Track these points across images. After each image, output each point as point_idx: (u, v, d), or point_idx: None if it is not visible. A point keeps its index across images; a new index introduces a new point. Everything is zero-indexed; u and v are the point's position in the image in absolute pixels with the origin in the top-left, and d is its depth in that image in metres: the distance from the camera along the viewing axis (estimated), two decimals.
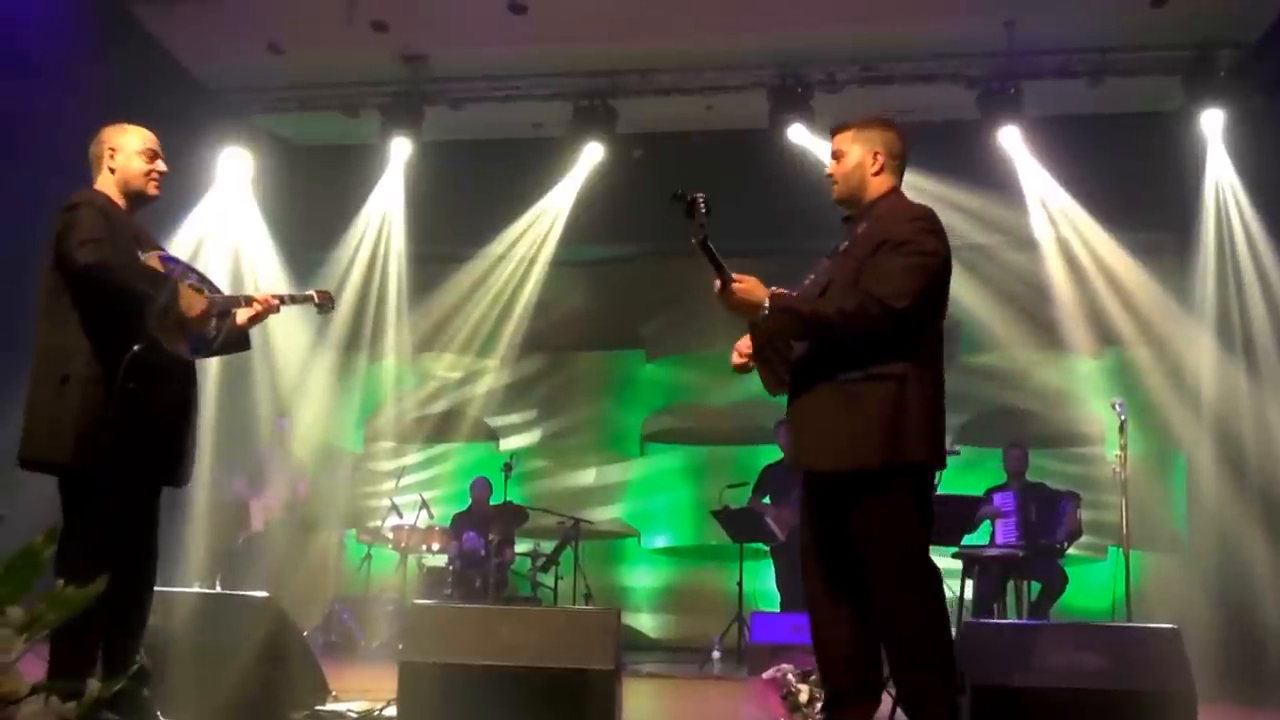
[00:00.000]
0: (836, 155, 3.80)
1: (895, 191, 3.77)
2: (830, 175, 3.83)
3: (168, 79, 9.02)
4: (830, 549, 3.71)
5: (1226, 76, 8.74)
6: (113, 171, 4.05)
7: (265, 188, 10.03)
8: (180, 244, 8.88)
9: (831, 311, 3.54)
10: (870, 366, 3.53)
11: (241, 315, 4.24)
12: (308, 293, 4.60)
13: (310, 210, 10.49)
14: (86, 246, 3.70)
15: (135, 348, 3.69)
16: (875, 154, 3.74)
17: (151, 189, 4.13)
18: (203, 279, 4.18)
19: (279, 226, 10.19)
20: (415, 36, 9.01)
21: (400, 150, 9.80)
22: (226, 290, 4.34)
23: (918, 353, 3.55)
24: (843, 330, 3.53)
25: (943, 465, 3.70)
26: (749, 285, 3.53)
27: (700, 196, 3.44)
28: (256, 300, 4.28)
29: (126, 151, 4.07)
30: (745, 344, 3.88)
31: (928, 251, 3.55)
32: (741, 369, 3.92)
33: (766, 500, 8.98)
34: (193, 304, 3.95)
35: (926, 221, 3.61)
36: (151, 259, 3.95)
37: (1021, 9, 8.29)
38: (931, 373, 3.60)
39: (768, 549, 9.06)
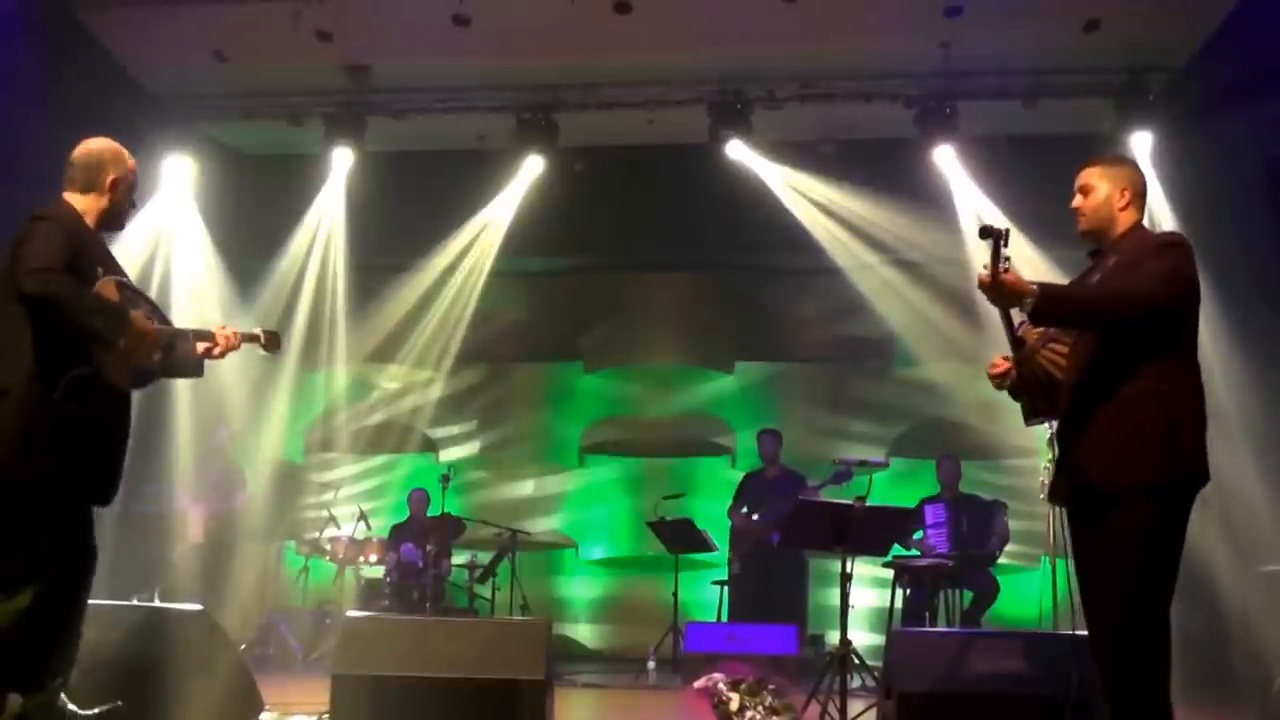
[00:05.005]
0: (1084, 190, 3.97)
1: (1140, 225, 3.96)
2: (1078, 209, 3.99)
3: (113, 84, 8.93)
4: (1090, 572, 3.77)
5: (1155, 100, 8.96)
6: (106, 200, 3.98)
7: (208, 196, 9.95)
8: (120, 252, 8.76)
9: (1097, 293, 3.79)
10: (1133, 385, 3.64)
11: (202, 348, 4.20)
12: (255, 331, 4.48)
13: (253, 219, 10.40)
14: (36, 276, 3.56)
15: (75, 371, 3.64)
16: (1123, 190, 3.91)
17: (123, 226, 4.15)
18: (154, 308, 4.13)
19: (221, 234, 10.11)
20: (359, 47, 9.00)
21: (343, 160, 9.79)
22: (174, 319, 4.33)
23: (1174, 370, 3.68)
24: (1105, 312, 3.70)
25: (1203, 480, 3.72)
26: (1015, 276, 3.64)
27: (1003, 230, 3.59)
28: (218, 337, 4.22)
29: (125, 185, 4.02)
30: (1000, 362, 4.13)
31: (1180, 267, 3.70)
32: (999, 382, 4.13)
33: (745, 510, 9.04)
34: (141, 336, 3.88)
35: (1182, 248, 3.76)
36: (108, 285, 3.85)
37: (958, 30, 8.41)
38: (1192, 391, 3.71)
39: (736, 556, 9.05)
